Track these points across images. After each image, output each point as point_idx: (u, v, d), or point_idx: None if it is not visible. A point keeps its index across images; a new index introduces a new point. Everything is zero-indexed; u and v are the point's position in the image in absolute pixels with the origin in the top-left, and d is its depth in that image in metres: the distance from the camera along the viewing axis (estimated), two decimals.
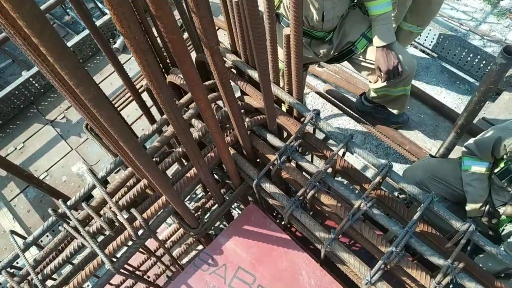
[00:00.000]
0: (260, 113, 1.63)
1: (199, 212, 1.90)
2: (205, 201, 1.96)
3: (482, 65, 3.18)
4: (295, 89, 1.50)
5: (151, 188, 1.50)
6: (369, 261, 1.36)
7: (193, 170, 1.49)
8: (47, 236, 3.14)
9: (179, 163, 2.49)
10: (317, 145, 1.53)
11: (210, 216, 1.80)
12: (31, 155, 3.62)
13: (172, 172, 2.94)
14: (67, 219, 1.46)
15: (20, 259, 1.46)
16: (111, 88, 3.87)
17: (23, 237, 1.54)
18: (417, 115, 2.92)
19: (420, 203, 1.28)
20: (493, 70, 1.55)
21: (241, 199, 2.26)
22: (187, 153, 1.26)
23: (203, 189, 2.92)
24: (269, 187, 1.47)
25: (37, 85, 3.84)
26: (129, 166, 1.42)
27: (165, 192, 1.34)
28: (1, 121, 3.78)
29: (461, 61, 3.28)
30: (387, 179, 1.38)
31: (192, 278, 1.61)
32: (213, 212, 1.83)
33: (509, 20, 4.64)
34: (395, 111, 2.60)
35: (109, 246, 1.42)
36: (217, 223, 2.96)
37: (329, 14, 2.04)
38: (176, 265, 2.22)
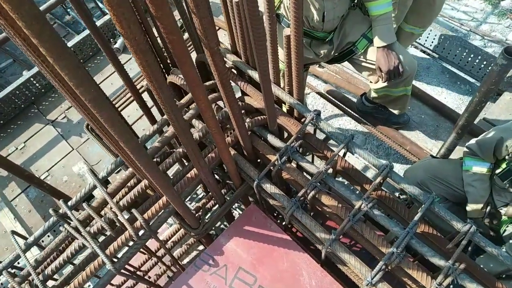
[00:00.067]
0: (260, 114, 1.63)
1: (200, 212, 1.90)
2: (206, 202, 1.97)
3: (483, 66, 3.17)
4: (296, 89, 1.49)
5: (152, 188, 1.50)
6: (370, 262, 1.36)
7: (194, 170, 1.49)
8: (48, 236, 3.14)
9: (179, 164, 2.49)
10: (318, 145, 1.53)
11: (211, 216, 1.80)
12: (32, 155, 3.62)
13: (172, 172, 2.94)
14: (68, 220, 1.46)
15: (21, 259, 1.46)
16: (111, 88, 3.87)
17: (24, 237, 1.54)
18: (418, 115, 2.91)
19: (421, 204, 1.28)
20: (494, 70, 1.54)
21: (242, 200, 2.26)
22: (188, 154, 1.25)
23: (204, 189, 2.92)
24: (269, 188, 1.47)
25: (38, 85, 3.84)
26: (130, 166, 1.42)
27: (166, 192, 1.34)
28: (2, 121, 3.78)
29: (462, 61, 3.27)
30: (388, 180, 1.37)
31: (193, 278, 1.62)
32: (214, 212, 1.83)
33: (510, 20, 4.63)
34: (396, 112, 2.60)
35: (110, 246, 1.42)
36: (218, 224, 2.96)
37: (329, 14, 2.04)
38: (177, 265, 2.22)
